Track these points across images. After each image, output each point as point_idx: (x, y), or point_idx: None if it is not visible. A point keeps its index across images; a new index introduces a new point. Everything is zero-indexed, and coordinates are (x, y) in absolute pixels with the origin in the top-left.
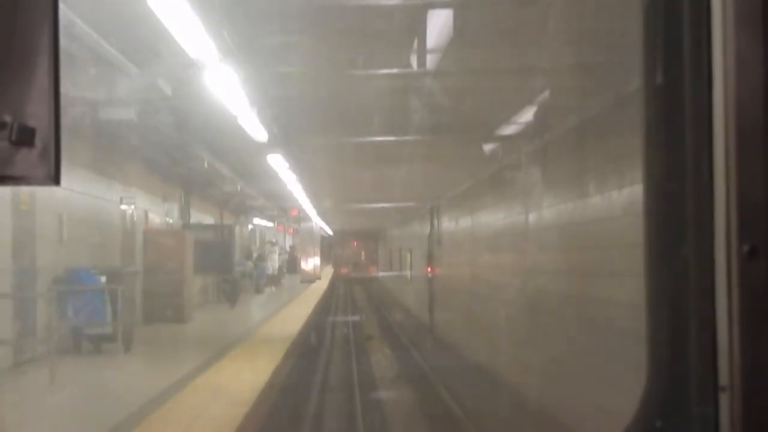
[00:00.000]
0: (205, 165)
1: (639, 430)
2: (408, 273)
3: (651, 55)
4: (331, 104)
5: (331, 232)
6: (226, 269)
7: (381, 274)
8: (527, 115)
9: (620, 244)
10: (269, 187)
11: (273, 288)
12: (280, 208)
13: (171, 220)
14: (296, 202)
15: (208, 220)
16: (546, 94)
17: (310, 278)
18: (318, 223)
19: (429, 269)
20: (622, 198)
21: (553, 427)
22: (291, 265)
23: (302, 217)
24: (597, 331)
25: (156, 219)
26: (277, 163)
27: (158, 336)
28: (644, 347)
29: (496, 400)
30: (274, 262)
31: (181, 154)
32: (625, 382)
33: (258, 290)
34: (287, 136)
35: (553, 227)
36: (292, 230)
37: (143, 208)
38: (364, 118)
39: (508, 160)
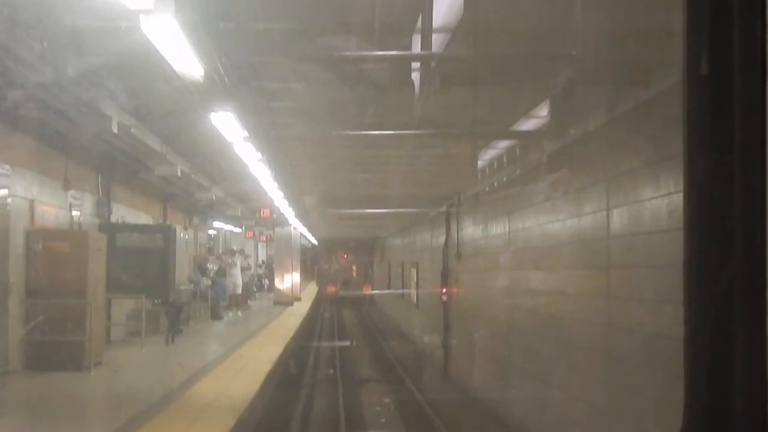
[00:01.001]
0: (114, 128)
1: None
2: (413, 293)
3: (695, 41)
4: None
5: (315, 242)
6: (163, 288)
7: (377, 293)
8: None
9: None
10: (227, 175)
11: (237, 313)
12: (248, 208)
13: (79, 216)
14: (267, 199)
15: (145, 219)
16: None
17: (286, 300)
18: (298, 229)
19: (444, 290)
20: None
21: None
22: (264, 282)
23: (277, 220)
24: None
25: (51, 213)
26: (230, 128)
27: (24, 399)
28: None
29: None
30: (236, 278)
31: (85, 113)
32: None
33: (215, 316)
34: (244, 84)
35: (660, 231)
36: (265, 238)
37: (27, 197)
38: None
39: (574, 135)
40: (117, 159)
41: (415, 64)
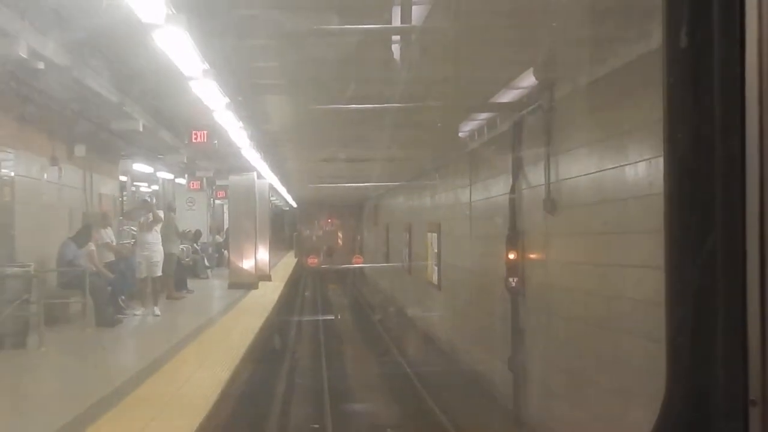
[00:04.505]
0: None
1: None
2: (432, 271)
3: (674, 13)
4: None
5: (294, 203)
6: None
7: (371, 267)
8: None
9: None
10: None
11: (154, 310)
12: (174, 132)
13: None
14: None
15: None
16: None
17: (248, 280)
18: (265, 179)
19: (512, 269)
20: None
21: None
22: (224, 253)
23: (228, 160)
24: None
25: None
26: None
27: None
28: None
29: None
30: (153, 251)
31: None
32: None
33: (104, 320)
34: None
35: None
36: (224, 193)
37: None
38: None
39: None
40: None
41: None
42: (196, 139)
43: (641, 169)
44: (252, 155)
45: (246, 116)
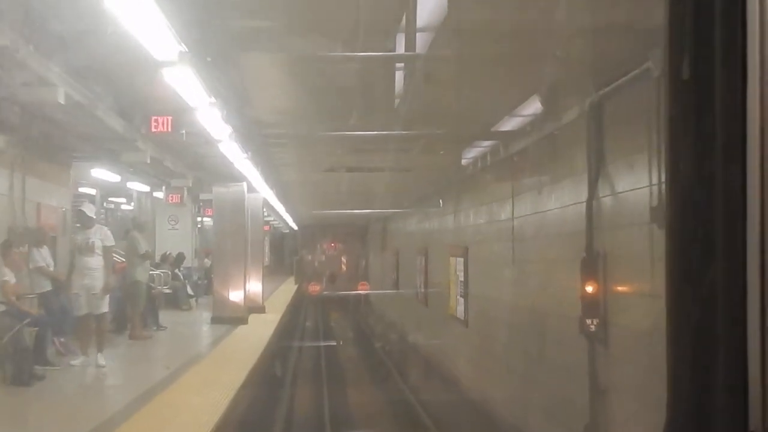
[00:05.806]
0: None
1: None
2: (456, 302)
3: (677, 46)
4: None
5: (294, 225)
6: None
7: (378, 294)
8: None
9: None
10: None
11: (98, 360)
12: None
13: None
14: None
15: None
16: None
17: (236, 313)
18: (260, 194)
19: (588, 306)
20: None
21: None
22: (211, 280)
23: (202, 158)
24: None
25: None
26: None
27: None
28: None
29: None
30: (93, 278)
31: None
32: None
33: (22, 377)
34: None
35: None
36: (211, 211)
37: None
38: None
39: None
40: None
41: None
42: (156, 127)
43: None
44: (235, 152)
45: (220, 90)
